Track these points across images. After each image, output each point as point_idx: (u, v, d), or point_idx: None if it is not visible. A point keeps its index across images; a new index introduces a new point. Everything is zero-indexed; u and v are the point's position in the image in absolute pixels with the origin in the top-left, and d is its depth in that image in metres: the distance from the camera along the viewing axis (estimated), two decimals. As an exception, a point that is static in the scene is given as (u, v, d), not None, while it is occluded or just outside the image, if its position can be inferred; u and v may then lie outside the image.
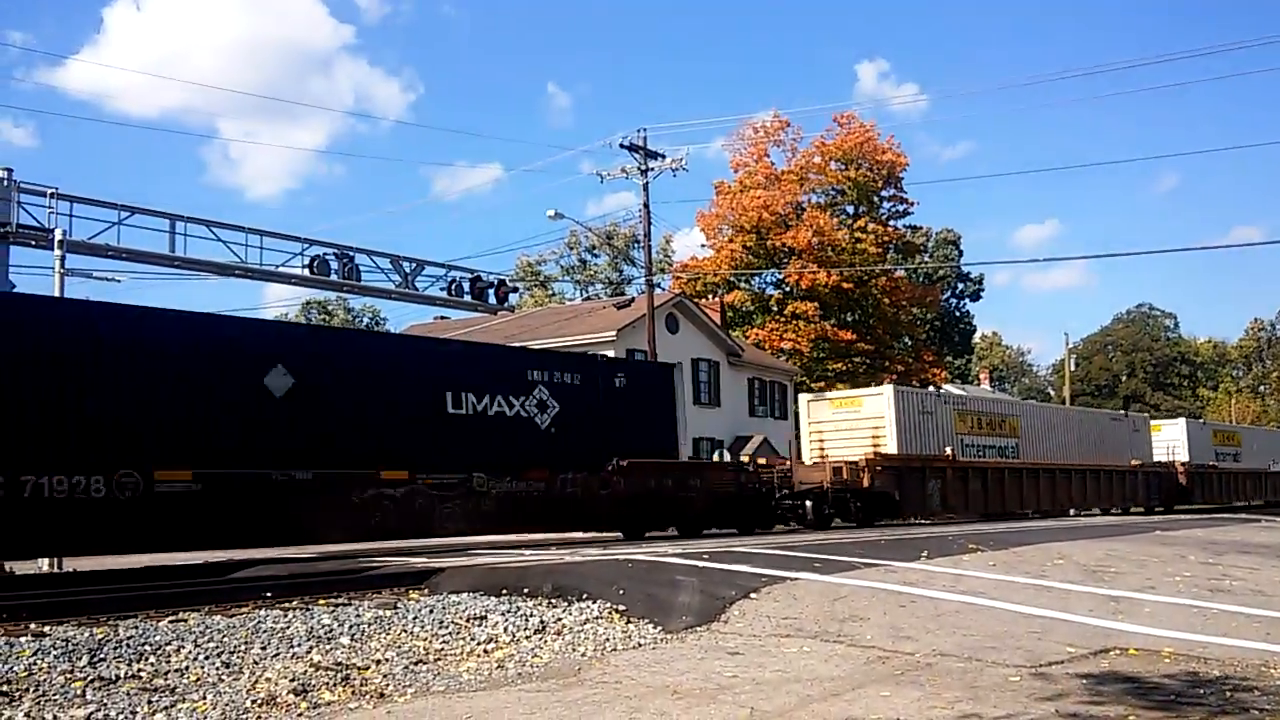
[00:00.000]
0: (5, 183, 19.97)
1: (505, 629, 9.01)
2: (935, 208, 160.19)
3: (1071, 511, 32.22)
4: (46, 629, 8.42)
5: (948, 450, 28.09)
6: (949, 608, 9.64)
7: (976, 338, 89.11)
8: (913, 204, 57.62)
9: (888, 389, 28.48)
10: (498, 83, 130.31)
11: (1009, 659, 7.54)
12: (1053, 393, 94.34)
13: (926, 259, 66.70)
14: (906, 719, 5.73)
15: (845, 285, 50.35)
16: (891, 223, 57.04)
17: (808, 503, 23.69)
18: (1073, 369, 72.62)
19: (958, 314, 78.39)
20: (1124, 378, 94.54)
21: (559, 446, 19.93)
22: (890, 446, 26.59)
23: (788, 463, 25.13)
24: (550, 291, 61.88)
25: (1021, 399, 76.14)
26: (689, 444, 26.05)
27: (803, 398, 30.48)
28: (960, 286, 77.90)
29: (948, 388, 57.59)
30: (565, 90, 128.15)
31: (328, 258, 24.81)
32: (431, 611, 9.53)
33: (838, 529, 23.06)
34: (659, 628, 9.20)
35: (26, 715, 6.06)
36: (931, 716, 5.77)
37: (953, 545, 14.87)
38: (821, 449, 27.64)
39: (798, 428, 30.23)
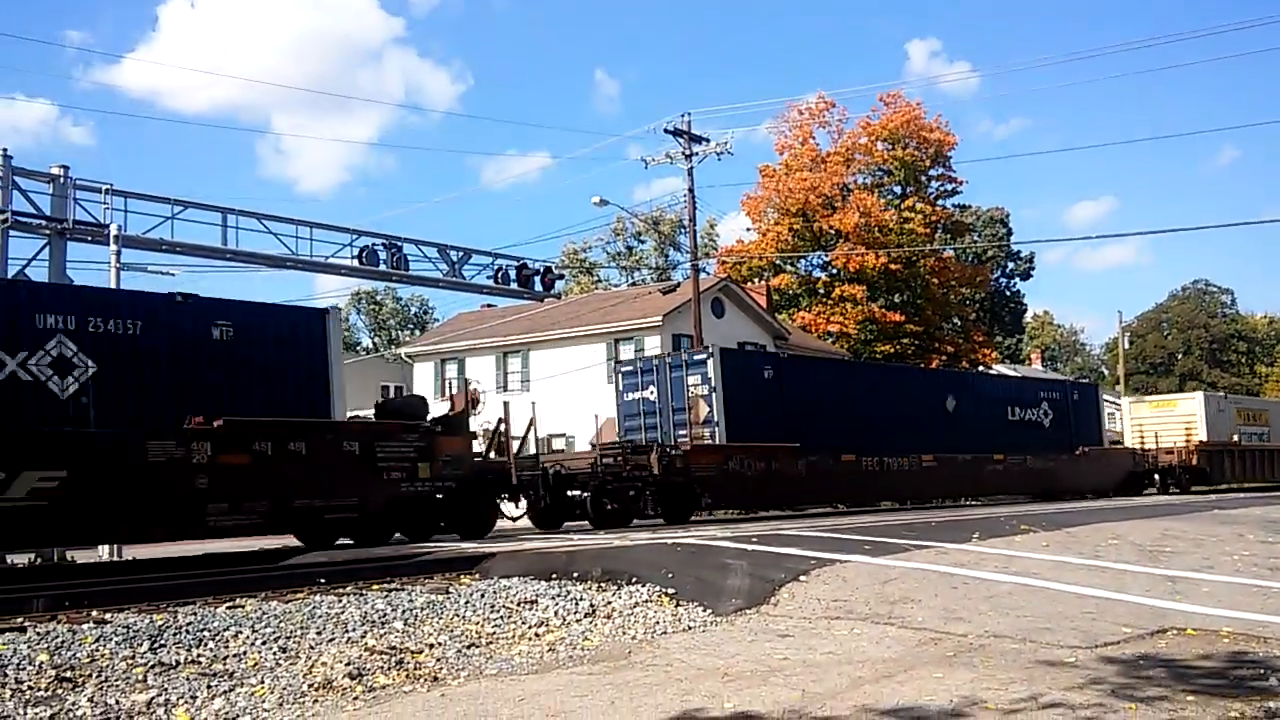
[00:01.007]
0: (62, 180, 20.41)
1: (556, 613, 9.07)
2: (986, 186, 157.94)
3: None
4: (108, 616, 8.61)
5: (1234, 437, 38.01)
6: (1001, 589, 9.54)
7: (1028, 317, 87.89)
8: (962, 183, 56.94)
9: (1198, 395, 39.98)
10: (546, 71, 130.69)
11: (1064, 640, 7.45)
12: (1106, 372, 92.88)
13: (975, 238, 65.85)
14: (960, 701, 5.68)
15: (893, 266, 49.85)
16: (940, 202, 56.37)
17: (1155, 475, 34.73)
18: (1127, 347, 71.46)
19: (1008, 293, 77.32)
20: (1180, 355, 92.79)
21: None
22: (1200, 435, 36.38)
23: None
24: (596, 278, 61.96)
25: (1074, 379, 75.05)
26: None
27: (1125, 400, 42.75)
28: (1010, 265, 76.79)
29: (999, 368, 56.97)
30: (613, 77, 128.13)
31: (376, 248, 25.07)
32: (483, 596, 9.62)
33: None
34: (709, 611, 9.21)
35: (90, 700, 6.20)
36: (985, 698, 5.72)
37: (1004, 526, 14.72)
38: (1141, 437, 36.94)
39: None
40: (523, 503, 19.13)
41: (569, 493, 19.48)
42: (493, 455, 18.55)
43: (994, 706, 5.52)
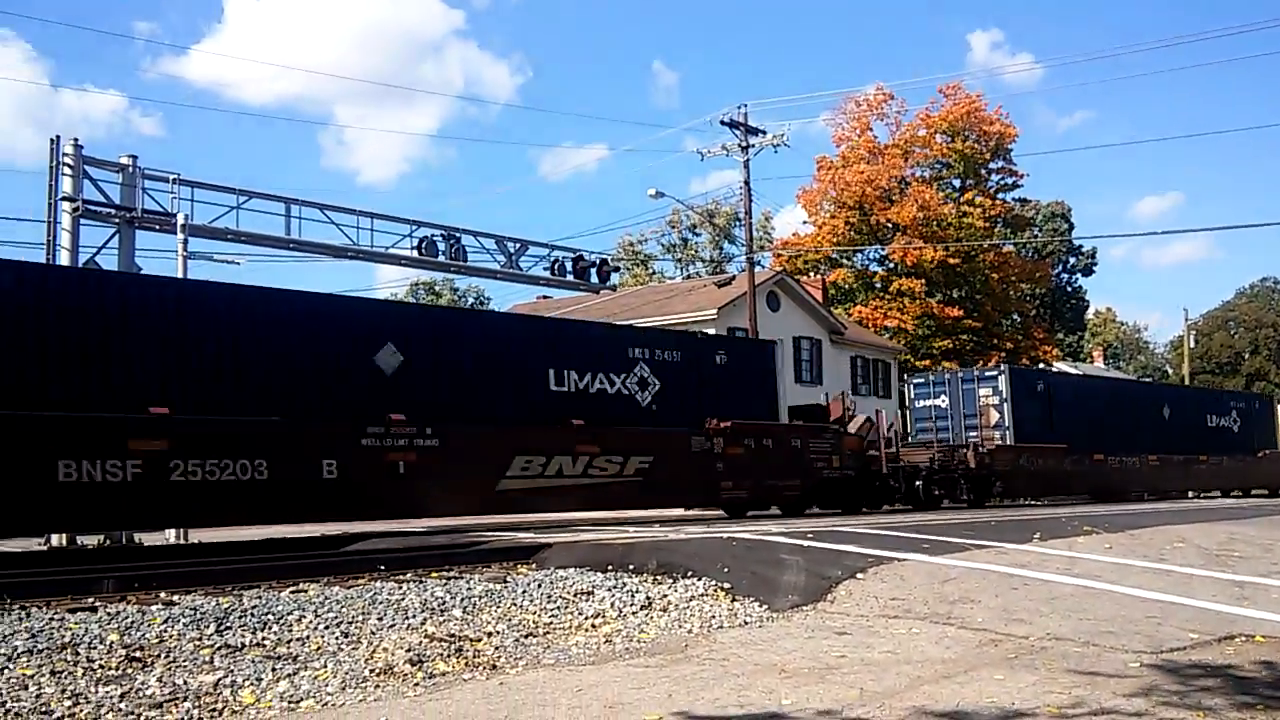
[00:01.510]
0: (131, 170, 20.84)
1: (612, 604, 9.12)
2: (1048, 180, 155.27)
3: None
4: (176, 598, 8.82)
5: None
6: (1063, 590, 9.40)
7: (1089, 314, 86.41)
8: (1022, 176, 56.19)
9: None
10: (605, 63, 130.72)
11: (1128, 644, 7.33)
12: (1170, 371, 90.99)
13: (1036, 233, 64.86)
14: (1021, 704, 5.62)
15: (951, 261, 49.32)
16: (1000, 196, 55.63)
17: None
18: (1192, 346, 69.94)
19: (1069, 289, 76.13)
20: (1246, 355, 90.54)
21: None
22: None
23: None
24: (651, 270, 61.97)
25: (1137, 377, 73.66)
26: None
27: None
28: (1071, 261, 75.64)
29: (1060, 365, 56.08)
30: (672, 69, 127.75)
31: (435, 239, 25.31)
32: (540, 586, 9.69)
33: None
34: (765, 606, 9.19)
35: (159, 680, 6.34)
36: (1047, 701, 5.64)
37: (1065, 527, 14.50)
38: None
39: (903, 406, 34.75)
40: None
41: (915, 482, 24.26)
42: (870, 452, 23.29)
43: (1056, 710, 5.45)
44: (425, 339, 16.75)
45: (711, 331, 36.47)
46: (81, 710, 5.75)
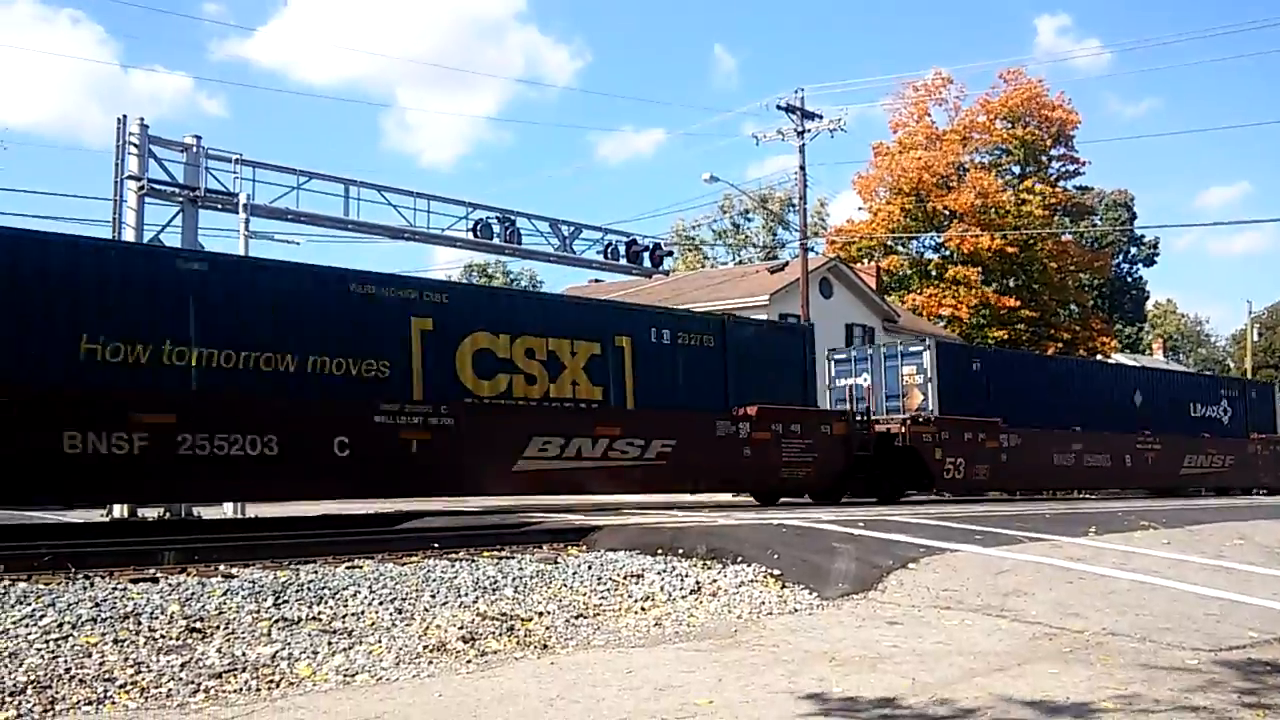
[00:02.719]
0: (194, 149, 21.18)
1: (661, 588, 9.15)
2: (1112, 168, 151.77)
3: None
4: (234, 571, 8.96)
5: None
6: (1120, 585, 9.28)
7: (1149, 305, 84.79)
8: (1084, 164, 55.12)
9: None
10: (665, 47, 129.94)
11: (1185, 641, 7.22)
12: (1232, 365, 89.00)
13: (1096, 222, 63.70)
14: (1076, 698, 5.56)
15: (1009, 249, 48.56)
16: (1061, 184, 54.66)
17: None
18: (1255, 339, 68.37)
19: (1129, 280, 74.74)
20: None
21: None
22: None
23: None
24: (704, 256, 61.82)
25: (1196, 371, 72.19)
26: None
27: None
28: (1133, 251, 74.24)
29: (1118, 358, 55.12)
30: (732, 53, 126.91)
31: (490, 221, 25.42)
32: (590, 568, 9.75)
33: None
34: (815, 594, 9.17)
35: (218, 651, 6.47)
36: (1103, 697, 5.58)
37: (1122, 521, 14.30)
38: None
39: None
40: None
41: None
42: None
43: (1113, 706, 5.39)
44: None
45: (764, 319, 36.44)
46: (143, 678, 5.89)
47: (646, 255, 28.68)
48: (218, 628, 6.99)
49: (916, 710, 5.32)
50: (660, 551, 10.67)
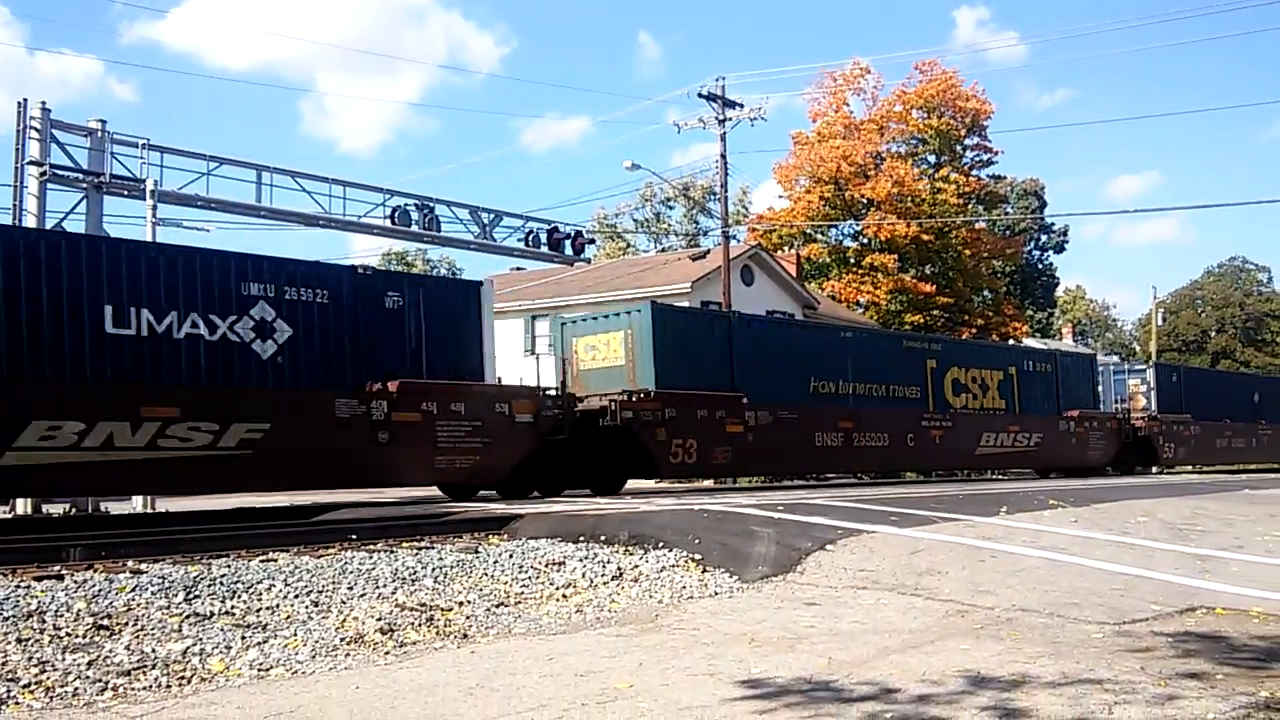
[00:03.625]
0: (99, 134, 20.54)
1: (583, 575, 9.15)
2: (1026, 157, 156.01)
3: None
4: (144, 566, 8.76)
5: None
6: (1029, 563, 9.53)
7: (1059, 291, 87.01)
8: (997, 153, 56.33)
9: None
10: (591, 34, 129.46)
11: (1092, 615, 7.44)
12: (1138, 348, 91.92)
13: (1009, 210, 65.14)
14: (986, 671, 5.70)
15: (925, 237, 49.45)
16: (974, 172, 55.79)
17: None
18: (1159, 324, 70.70)
19: (1040, 266, 76.61)
20: (1213, 333, 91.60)
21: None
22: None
23: None
24: (625, 245, 61.78)
25: (1104, 354, 74.40)
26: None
27: None
28: (1043, 238, 76.07)
29: (1029, 341, 56.52)
30: (657, 41, 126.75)
31: (409, 208, 25.10)
32: (511, 556, 9.71)
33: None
34: (735, 577, 9.25)
35: (126, 648, 6.31)
36: (1012, 670, 5.73)
37: (1033, 501, 14.67)
38: None
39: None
40: None
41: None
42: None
43: (1022, 678, 5.53)
44: None
45: (686, 306, 36.63)
46: (48, 678, 5.72)
47: (568, 243, 28.58)
48: (126, 624, 6.82)
49: (833, 688, 5.39)
50: (582, 539, 10.68)
